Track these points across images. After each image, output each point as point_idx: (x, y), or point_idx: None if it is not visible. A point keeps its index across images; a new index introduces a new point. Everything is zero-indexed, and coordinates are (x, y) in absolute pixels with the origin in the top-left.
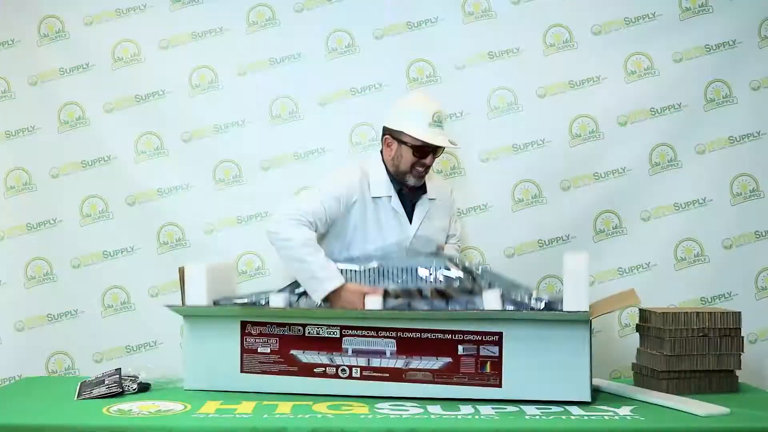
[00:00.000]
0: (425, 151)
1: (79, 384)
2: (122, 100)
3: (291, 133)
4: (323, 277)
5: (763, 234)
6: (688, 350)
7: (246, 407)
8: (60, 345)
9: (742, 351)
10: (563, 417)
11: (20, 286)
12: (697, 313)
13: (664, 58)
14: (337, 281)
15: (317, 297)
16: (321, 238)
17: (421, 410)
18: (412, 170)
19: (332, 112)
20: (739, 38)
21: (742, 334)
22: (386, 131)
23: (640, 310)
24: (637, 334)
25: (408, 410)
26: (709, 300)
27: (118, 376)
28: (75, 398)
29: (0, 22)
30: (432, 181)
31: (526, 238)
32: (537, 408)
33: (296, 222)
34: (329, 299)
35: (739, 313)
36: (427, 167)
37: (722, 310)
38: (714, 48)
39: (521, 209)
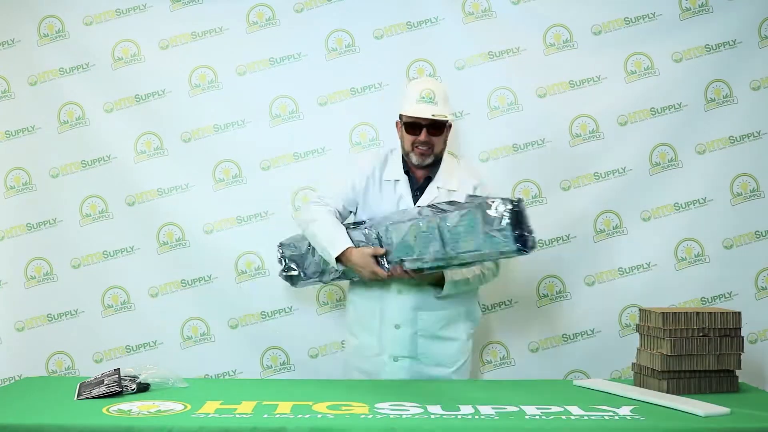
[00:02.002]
0: (416, 126)
1: (78, 385)
2: (122, 100)
3: (291, 133)
4: (329, 243)
5: (763, 234)
6: (688, 350)
7: (246, 407)
8: (60, 345)
9: (742, 351)
10: (563, 417)
11: (20, 286)
12: (697, 313)
13: (664, 58)
14: (340, 246)
15: (331, 261)
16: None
17: (421, 410)
18: (413, 149)
19: (332, 112)
20: (739, 38)
21: (742, 334)
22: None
23: (640, 310)
24: (637, 334)
25: (408, 410)
26: (709, 300)
27: (117, 376)
28: (75, 399)
29: (0, 22)
30: (452, 171)
31: None
32: (537, 408)
33: (313, 204)
34: (344, 263)
35: (739, 313)
36: (426, 144)
37: (722, 310)
38: (714, 48)
39: None
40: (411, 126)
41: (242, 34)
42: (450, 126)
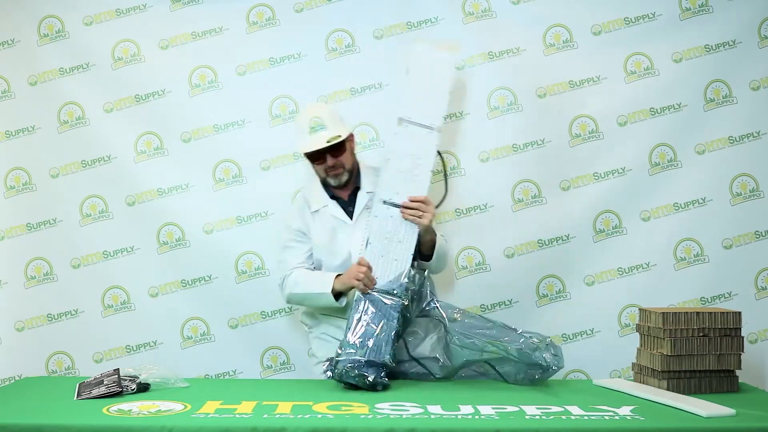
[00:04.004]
0: (319, 156)
1: (78, 385)
2: (122, 100)
3: (291, 133)
4: (320, 286)
5: (763, 234)
6: (688, 350)
7: (246, 407)
8: (60, 345)
9: (742, 351)
10: (563, 417)
11: (20, 286)
12: (697, 313)
13: (664, 58)
14: (328, 280)
15: (331, 301)
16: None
17: (421, 410)
18: (327, 174)
19: None
20: (739, 38)
21: (742, 334)
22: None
23: (640, 309)
24: (637, 334)
25: (408, 410)
26: (709, 300)
27: (116, 376)
28: (75, 399)
29: (0, 22)
30: (367, 176)
31: (526, 238)
32: (537, 408)
33: (286, 278)
34: (340, 290)
35: (739, 313)
36: (336, 166)
37: (722, 310)
38: (714, 48)
39: (521, 209)
40: (314, 157)
41: (242, 34)
42: (351, 137)
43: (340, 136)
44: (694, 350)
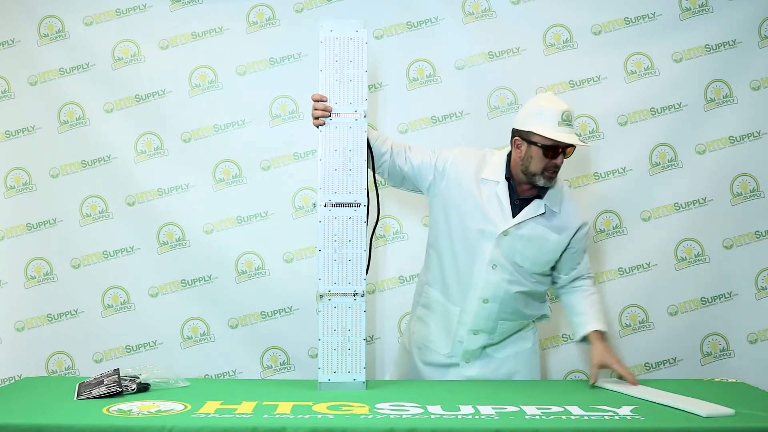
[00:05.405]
0: (556, 151)
1: (78, 385)
2: (122, 100)
3: (291, 133)
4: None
5: (763, 234)
6: None
7: (246, 407)
8: (60, 345)
9: None
10: (563, 417)
11: (20, 286)
12: None
13: (664, 58)
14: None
15: None
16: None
17: (421, 410)
18: (543, 171)
19: None
20: (739, 38)
21: (743, 334)
22: (515, 133)
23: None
24: (637, 334)
25: (408, 410)
26: (709, 300)
27: (116, 376)
28: (74, 399)
29: (0, 22)
30: (561, 196)
31: None
32: (537, 408)
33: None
34: None
35: None
36: (558, 168)
37: None
38: (714, 48)
39: None
40: (549, 149)
41: (242, 34)
42: None
43: (587, 143)
44: None
